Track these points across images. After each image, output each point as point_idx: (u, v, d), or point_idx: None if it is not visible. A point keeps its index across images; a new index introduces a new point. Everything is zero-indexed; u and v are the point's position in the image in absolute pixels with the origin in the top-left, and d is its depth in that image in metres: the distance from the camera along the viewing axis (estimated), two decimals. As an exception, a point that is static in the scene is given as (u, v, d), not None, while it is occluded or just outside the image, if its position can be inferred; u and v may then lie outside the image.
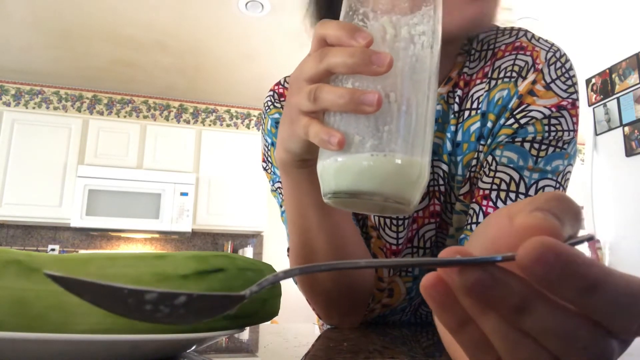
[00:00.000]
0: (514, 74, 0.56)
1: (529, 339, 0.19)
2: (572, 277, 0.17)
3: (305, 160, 0.45)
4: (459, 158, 0.60)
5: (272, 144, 0.69)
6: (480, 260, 0.19)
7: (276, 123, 0.69)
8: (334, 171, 0.32)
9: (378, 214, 0.36)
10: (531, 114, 0.54)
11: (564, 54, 0.57)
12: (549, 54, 0.56)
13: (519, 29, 0.60)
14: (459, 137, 0.60)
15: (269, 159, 0.71)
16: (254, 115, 4.45)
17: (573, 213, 0.20)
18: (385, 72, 0.30)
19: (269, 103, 0.70)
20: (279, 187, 0.69)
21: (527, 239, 0.18)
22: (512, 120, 0.55)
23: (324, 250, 0.54)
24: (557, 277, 0.17)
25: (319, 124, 0.33)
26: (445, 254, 0.20)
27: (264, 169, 0.73)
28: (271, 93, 0.71)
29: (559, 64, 0.55)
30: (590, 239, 0.20)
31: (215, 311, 0.21)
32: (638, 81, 2.51)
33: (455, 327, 0.21)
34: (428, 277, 0.20)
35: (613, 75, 2.66)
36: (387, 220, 0.64)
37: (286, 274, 0.21)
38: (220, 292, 0.20)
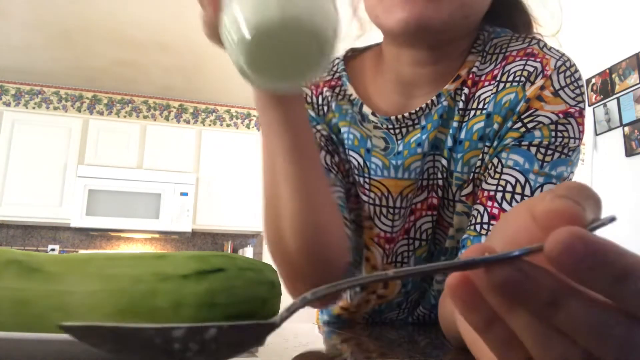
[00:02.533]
0: (523, 79, 0.56)
1: (560, 335, 0.18)
2: (602, 266, 0.17)
3: (276, 95, 0.46)
4: (459, 155, 0.60)
5: None
6: (507, 256, 0.18)
7: None
8: (234, 19, 0.31)
9: (295, 76, 0.34)
10: (538, 118, 0.54)
11: (574, 64, 0.57)
12: (559, 62, 0.56)
13: (532, 37, 0.61)
14: (462, 135, 0.60)
15: None
16: (254, 115, 4.45)
17: (593, 200, 0.19)
18: None
19: None
20: None
21: (550, 226, 0.17)
22: (519, 124, 0.55)
23: (289, 204, 0.52)
24: (587, 267, 0.16)
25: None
26: (470, 252, 0.19)
27: None
28: None
29: (568, 73, 0.56)
30: (612, 220, 0.19)
31: (247, 344, 0.19)
32: (638, 81, 2.51)
33: (483, 327, 0.20)
34: (454, 276, 0.20)
35: (613, 75, 2.66)
36: (384, 210, 0.64)
37: (313, 295, 0.20)
38: (250, 321, 0.19)
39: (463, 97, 0.60)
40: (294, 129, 0.49)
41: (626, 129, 2.55)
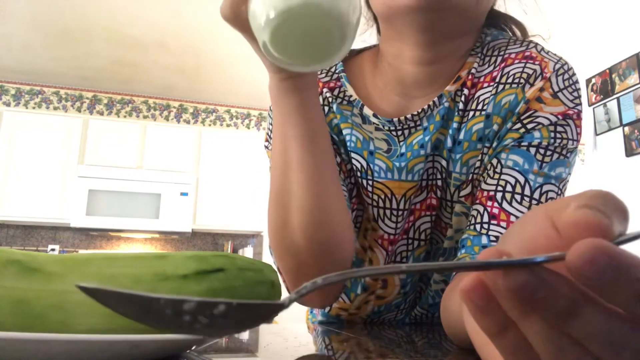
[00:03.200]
0: (522, 80, 0.57)
1: (575, 345, 0.18)
2: (625, 281, 0.16)
3: (290, 81, 0.46)
4: (457, 156, 0.61)
5: None
6: (527, 261, 0.18)
7: None
8: (261, 8, 0.32)
9: (313, 61, 0.35)
10: (538, 119, 0.55)
11: (571, 68, 0.58)
12: (557, 65, 0.57)
13: (530, 41, 0.62)
14: (461, 136, 0.60)
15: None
16: (254, 115, 4.45)
17: (621, 211, 0.19)
18: None
19: None
20: None
21: (574, 237, 0.17)
22: (518, 125, 0.56)
23: (300, 193, 0.52)
24: (609, 281, 0.16)
25: None
26: (486, 254, 0.19)
27: (266, 147, 0.73)
28: None
29: (566, 76, 0.57)
30: None
31: (255, 321, 0.20)
32: (638, 81, 2.51)
33: (496, 332, 0.20)
34: (467, 280, 0.19)
35: (613, 75, 2.66)
36: (387, 212, 0.64)
37: (324, 280, 0.20)
38: (259, 301, 0.20)
39: (463, 98, 0.60)
40: (310, 116, 0.49)
41: (626, 129, 2.55)
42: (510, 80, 0.58)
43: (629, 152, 2.52)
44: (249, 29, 0.39)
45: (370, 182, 0.64)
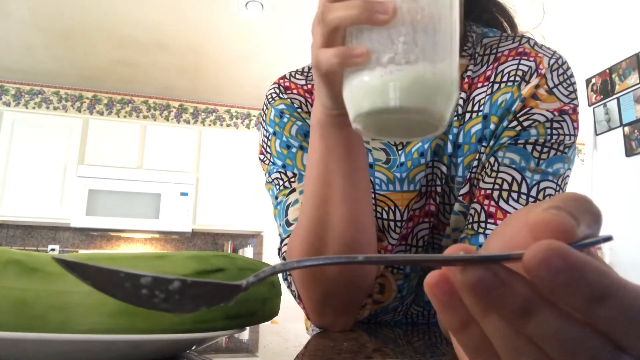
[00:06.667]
0: (518, 78, 0.57)
1: (531, 345, 0.18)
2: (579, 285, 0.16)
3: (342, 118, 0.44)
4: (459, 159, 0.60)
5: (274, 134, 0.68)
6: (484, 258, 0.18)
7: (280, 113, 0.68)
8: (363, 92, 0.31)
9: (408, 137, 0.34)
10: (534, 117, 0.55)
11: (566, 62, 0.58)
12: (552, 60, 0.57)
13: (522, 36, 0.61)
14: (460, 139, 0.60)
15: (268, 149, 0.69)
16: (254, 115, 4.45)
17: (592, 214, 0.19)
18: (390, 19, 0.29)
19: (274, 95, 0.70)
20: (276, 178, 0.67)
21: (540, 238, 0.17)
22: (515, 123, 0.56)
23: (341, 226, 0.52)
24: (563, 284, 0.16)
25: (341, 47, 0.32)
26: (450, 251, 0.19)
27: (261, 160, 0.71)
28: (276, 85, 0.70)
29: (561, 71, 0.57)
30: (608, 239, 0.19)
31: (212, 300, 0.20)
32: (638, 81, 2.51)
33: (458, 327, 0.20)
34: (432, 274, 0.20)
35: (613, 75, 2.66)
36: (392, 224, 0.64)
37: (284, 266, 0.21)
38: (214, 280, 0.20)
39: (461, 102, 0.60)
40: (355, 151, 0.49)
41: (626, 129, 2.55)
42: (505, 78, 0.58)
43: (629, 152, 2.52)
44: (335, 88, 0.38)
45: (372, 195, 0.63)
